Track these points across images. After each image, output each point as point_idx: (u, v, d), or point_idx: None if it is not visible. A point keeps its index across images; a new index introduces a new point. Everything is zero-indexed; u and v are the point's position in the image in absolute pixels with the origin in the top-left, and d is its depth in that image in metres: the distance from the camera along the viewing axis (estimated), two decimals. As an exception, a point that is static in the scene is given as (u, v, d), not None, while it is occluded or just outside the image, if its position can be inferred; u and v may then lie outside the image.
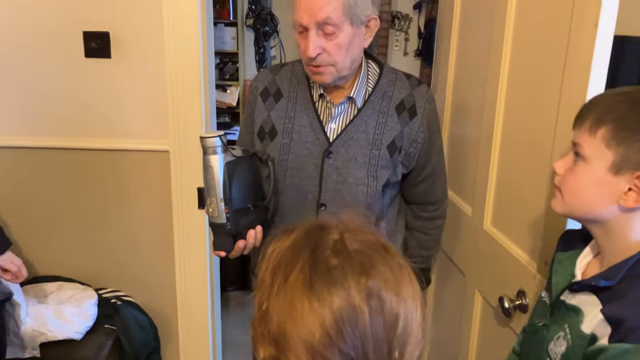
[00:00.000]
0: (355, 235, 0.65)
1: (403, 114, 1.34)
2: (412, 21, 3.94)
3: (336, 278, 0.59)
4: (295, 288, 0.60)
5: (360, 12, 1.22)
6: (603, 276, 0.85)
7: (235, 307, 3.24)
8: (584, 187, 0.87)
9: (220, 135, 1.21)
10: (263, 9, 3.70)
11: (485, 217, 1.48)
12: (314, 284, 0.59)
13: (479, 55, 1.54)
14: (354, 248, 0.62)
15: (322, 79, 1.27)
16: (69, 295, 1.94)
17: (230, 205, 1.22)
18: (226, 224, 1.23)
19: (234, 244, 1.27)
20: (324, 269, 0.60)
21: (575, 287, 0.90)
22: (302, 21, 1.21)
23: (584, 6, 1.03)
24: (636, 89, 0.85)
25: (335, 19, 1.19)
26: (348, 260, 0.61)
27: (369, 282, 0.60)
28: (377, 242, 0.65)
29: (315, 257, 0.61)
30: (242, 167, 1.25)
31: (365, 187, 1.31)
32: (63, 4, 1.80)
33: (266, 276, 0.64)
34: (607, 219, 0.86)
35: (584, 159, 0.87)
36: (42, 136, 1.92)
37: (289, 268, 0.61)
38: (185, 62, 1.83)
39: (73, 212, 2.00)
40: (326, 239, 0.63)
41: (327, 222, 0.67)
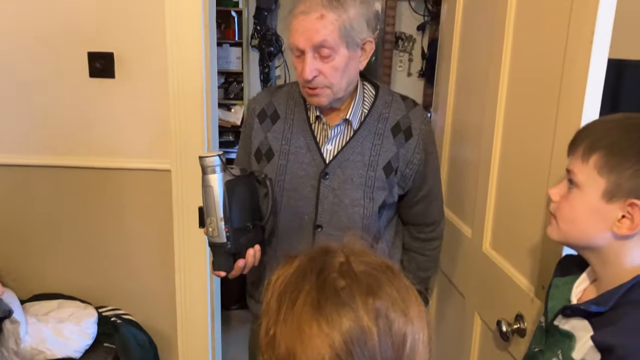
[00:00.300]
0: (361, 257, 0.65)
1: (399, 136, 1.34)
2: (416, 42, 3.97)
3: (344, 300, 0.60)
4: (303, 312, 0.60)
5: (356, 35, 1.23)
6: (595, 302, 0.84)
7: (237, 326, 3.23)
8: (578, 215, 0.87)
9: (219, 155, 1.22)
10: (268, 30, 3.74)
11: (485, 239, 1.48)
12: (322, 306, 0.59)
13: (477, 76, 1.55)
14: (360, 270, 0.63)
15: (318, 101, 1.28)
16: (69, 313, 1.94)
17: (230, 224, 1.22)
18: (226, 243, 1.23)
19: (233, 264, 1.27)
20: (331, 291, 0.60)
21: (567, 311, 0.90)
22: (298, 44, 1.22)
23: (578, 30, 1.03)
24: (628, 115, 0.86)
25: (331, 42, 1.20)
26: (355, 282, 0.61)
27: (377, 302, 0.60)
28: (383, 263, 0.66)
29: (322, 280, 0.62)
30: (240, 186, 1.26)
31: (362, 209, 1.32)
32: (69, 25, 1.83)
33: (272, 302, 0.64)
34: (602, 246, 0.86)
35: (577, 186, 0.86)
36: (46, 154, 1.94)
37: (296, 293, 0.62)
38: (188, 82, 1.85)
39: (74, 230, 2.01)
40: (332, 262, 0.64)
41: (331, 246, 0.68)
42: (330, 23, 1.20)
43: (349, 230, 1.33)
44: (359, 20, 1.23)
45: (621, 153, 0.81)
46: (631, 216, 0.81)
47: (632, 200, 0.80)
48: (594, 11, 0.98)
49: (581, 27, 1.02)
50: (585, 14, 1.01)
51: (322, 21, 1.20)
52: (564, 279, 0.98)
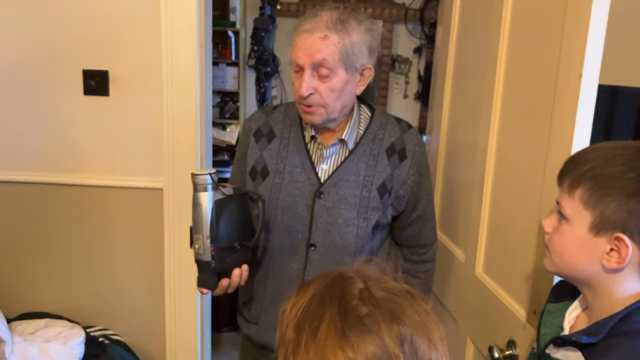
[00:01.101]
0: (379, 283, 0.65)
1: (393, 157, 1.35)
2: (412, 65, 4.00)
3: (368, 327, 0.59)
4: (327, 340, 0.59)
5: (356, 60, 1.25)
6: (586, 332, 0.83)
7: (227, 347, 3.18)
8: (568, 248, 0.86)
9: (211, 173, 1.22)
10: (265, 50, 3.76)
11: (477, 264, 1.47)
12: (347, 334, 0.59)
13: (471, 100, 1.55)
14: (381, 296, 0.63)
15: (311, 119, 1.29)
16: (56, 333, 1.91)
17: (216, 243, 1.22)
18: (211, 262, 1.23)
19: (217, 282, 1.26)
20: (355, 318, 0.60)
21: (558, 342, 0.88)
22: (298, 60, 1.24)
23: (568, 57, 1.04)
24: (612, 145, 0.85)
25: (330, 62, 1.22)
26: (377, 308, 0.61)
27: (401, 328, 0.60)
28: (402, 288, 0.66)
29: (344, 307, 0.61)
30: (231, 206, 1.25)
31: (355, 228, 1.31)
32: (64, 43, 1.84)
33: (288, 332, 0.64)
34: (593, 278, 0.85)
35: (566, 219, 0.86)
36: (37, 171, 1.93)
37: (317, 321, 0.61)
38: (183, 102, 1.85)
39: (63, 248, 1.99)
40: (350, 289, 0.64)
41: (346, 272, 0.68)
42: (332, 44, 1.22)
43: (342, 250, 1.32)
44: (360, 47, 1.25)
45: (605, 186, 0.81)
46: (618, 249, 0.80)
47: (618, 234, 0.80)
48: (583, 42, 0.99)
49: (572, 55, 1.03)
50: (575, 42, 1.01)
51: (325, 41, 1.21)
52: (557, 305, 0.97)
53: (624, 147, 0.83)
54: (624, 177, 0.79)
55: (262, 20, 3.66)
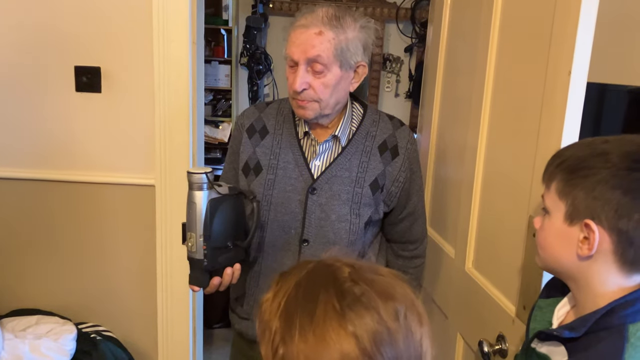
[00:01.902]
0: (362, 267, 0.68)
1: (385, 154, 1.37)
2: (404, 64, 4.02)
3: (366, 304, 0.62)
4: (326, 320, 0.61)
5: (350, 57, 1.26)
6: (569, 327, 0.84)
7: (219, 344, 3.19)
8: (549, 240, 0.88)
9: (207, 173, 1.22)
10: (257, 48, 3.77)
11: (467, 259, 1.48)
12: (346, 312, 0.61)
13: (461, 98, 1.57)
14: (370, 277, 0.66)
15: (304, 114, 1.30)
16: (48, 330, 1.91)
17: (209, 242, 1.22)
18: (203, 260, 1.23)
19: (209, 280, 1.27)
20: (352, 297, 0.62)
21: (541, 336, 0.90)
22: (293, 56, 1.25)
23: (558, 54, 1.06)
24: (588, 139, 0.87)
25: (325, 58, 1.23)
26: (371, 287, 0.64)
27: (396, 304, 0.64)
28: (385, 270, 0.70)
29: (339, 289, 0.63)
30: (225, 206, 1.26)
31: (348, 224, 1.33)
32: (56, 38, 1.83)
33: (273, 323, 0.64)
34: (573, 270, 0.87)
35: (547, 213, 0.89)
36: (28, 168, 1.92)
37: (311, 305, 0.63)
38: (175, 99, 1.86)
39: (55, 245, 1.99)
40: (340, 273, 0.66)
41: (325, 260, 0.70)
42: (327, 41, 1.23)
43: (335, 245, 1.33)
44: (355, 44, 1.26)
45: (574, 176, 0.83)
46: (588, 236, 0.82)
47: (586, 221, 0.82)
48: (572, 39, 1.00)
49: (561, 52, 1.05)
50: (565, 40, 1.03)
51: (320, 37, 1.23)
52: (548, 301, 0.98)
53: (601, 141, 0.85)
54: (591, 165, 0.82)
55: (254, 19, 3.66)
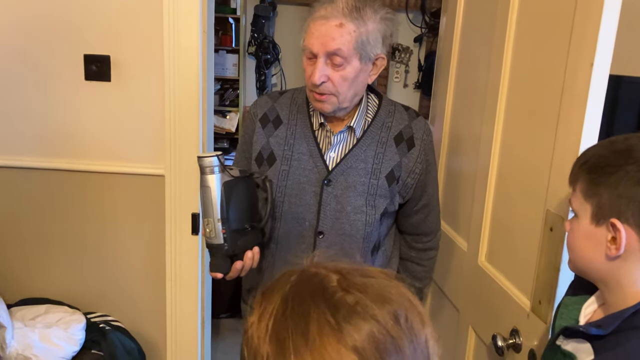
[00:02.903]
0: (351, 271, 0.63)
1: (401, 145, 1.35)
2: (413, 54, 3.98)
3: (363, 313, 0.57)
4: (322, 338, 0.56)
5: (370, 49, 1.24)
6: (596, 324, 0.83)
7: (226, 334, 3.20)
8: (578, 243, 0.88)
9: (218, 155, 1.21)
10: (265, 37, 3.74)
11: (480, 252, 1.47)
12: (342, 326, 0.56)
13: (476, 89, 1.55)
14: (361, 281, 0.60)
15: (322, 107, 1.28)
16: (57, 319, 1.91)
17: (227, 225, 1.21)
18: (224, 245, 1.21)
19: (231, 265, 1.25)
20: (346, 309, 0.57)
21: (567, 332, 0.89)
22: (312, 48, 1.22)
23: (580, 46, 1.03)
24: (612, 139, 0.86)
25: (345, 51, 1.20)
26: (364, 293, 0.59)
27: (395, 308, 0.59)
28: (375, 270, 0.64)
29: (330, 301, 0.58)
30: (239, 187, 1.24)
31: (364, 216, 1.31)
32: (65, 27, 1.81)
33: (263, 349, 0.58)
34: (603, 271, 0.86)
35: (575, 215, 0.88)
36: (36, 157, 1.91)
37: (302, 323, 0.57)
38: (185, 88, 1.84)
39: (64, 234, 1.99)
40: (327, 282, 0.60)
41: (306, 270, 0.64)
42: (348, 33, 1.20)
43: (351, 237, 1.32)
44: (376, 36, 1.24)
45: (598, 174, 0.82)
46: (615, 236, 0.81)
47: (612, 220, 0.80)
48: (595, 30, 0.98)
49: (583, 43, 1.02)
50: (587, 31, 1.01)
51: (341, 30, 1.20)
52: (574, 299, 0.97)
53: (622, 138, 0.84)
54: (614, 163, 0.81)
55: (262, 7, 3.63)
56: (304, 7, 3.76)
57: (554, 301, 1.11)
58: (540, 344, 1.16)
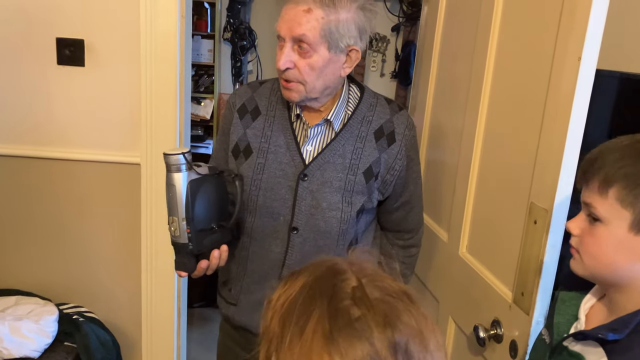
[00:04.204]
0: (375, 282, 0.60)
1: (381, 140, 1.31)
2: (390, 43, 3.97)
3: (359, 332, 0.55)
4: (313, 340, 0.55)
5: (340, 39, 1.19)
6: (610, 328, 0.82)
7: (200, 323, 3.17)
8: (605, 250, 0.85)
9: (184, 153, 1.17)
10: (241, 23, 3.68)
11: (461, 244, 1.48)
12: (335, 338, 0.54)
13: (459, 81, 1.54)
14: (375, 297, 0.58)
15: (289, 95, 1.25)
16: (28, 311, 1.86)
17: (192, 224, 1.18)
18: (188, 244, 1.19)
19: (196, 264, 1.23)
20: (345, 320, 0.55)
21: (579, 337, 0.88)
22: (280, 32, 1.20)
23: (567, 40, 1.04)
24: (633, 140, 0.84)
25: (311, 38, 1.17)
26: (371, 311, 0.56)
27: (395, 335, 0.55)
28: (399, 289, 0.61)
29: (334, 307, 0.57)
30: (206, 186, 1.21)
31: (340, 212, 1.28)
32: (37, 8, 1.75)
33: (273, 325, 0.59)
34: (625, 276, 0.84)
35: (601, 221, 0.84)
36: (7, 144, 1.85)
37: (304, 318, 0.57)
38: (162, 74, 1.79)
39: (36, 224, 1.93)
40: (343, 286, 0.59)
41: (339, 265, 0.62)
42: (315, 19, 1.16)
43: (325, 234, 1.29)
44: (348, 26, 1.19)
45: None
46: None
47: None
48: (583, 25, 0.98)
49: (570, 37, 1.03)
50: (575, 25, 1.01)
51: (307, 15, 1.16)
52: (571, 294, 0.96)
53: None
54: None
55: (239, -7, 3.57)
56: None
57: (537, 293, 1.12)
58: (521, 334, 1.18)
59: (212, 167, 1.25)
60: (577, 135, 1.03)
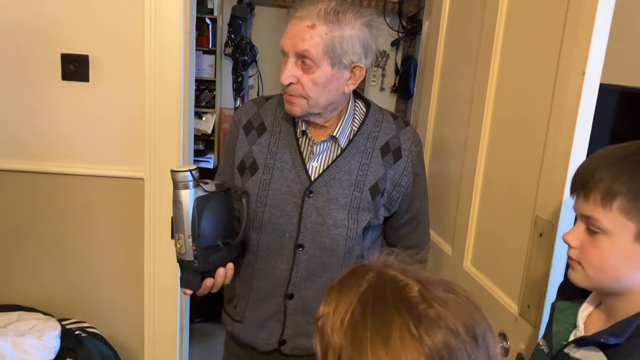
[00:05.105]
0: (431, 281, 0.64)
1: (387, 156, 1.31)
2: (390, 58, 4.01)
3: (445, 329, 0.59)
4: (403, 344, 0.58)
5: (343, 55, 1.19)
6: (611, 332, 0.83)
7: (201, 339, 3.15)
8: (610, 261, 0.85)
9: (191, 170, 1.17)
10: (242, 39, 3.71)
11: (466, 257, 1.48)
12: (423, 339, 0.58)
13: (462, 94, 1.55)
14: (442, 296, 0.62)
15: (291, 109, 1.25)
16: (30, 326, 1.84)
17: (198, 242, 1.18)
18: (193, 262, 1.18)
19: (201, 282, 1.22)
20: (429, 321, 0.59)
21: (581, 342, 0.88)
22: (284, 47, 1.21)
23: (570, 54, 1.05)
24: (627, 151, 0.85)
25: (314, 54, 1.17)
26: (445, 309, 0.61)
27: (475, 327, 0.61)
28: (454, 285, 0.66)
29: (414, 312, 0.60)
30: (213, 203, 1.21)
31: (345, 230, 1.27)
32: (42, 24, 1.76)
33: (336, 339, 0.62)
34: (627, 286, 0.85)
35: (604, 233, 0.84)
36: (12, 159, 1.85)
37: (384, 329, 0.59)
38: (166, 89, 1.80)
39: (39, 239, 1.92)
40: (408, 291, 0.62)
41: (386, 272, 0.66)
42: (319, 35, 1.17)
43: (331, 251, 1.28)
44: (353, 42, 1.19)
45: None
46: None
47: None
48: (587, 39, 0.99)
49: (574, 52, 1.04)
50: (579, 39, 1.02)
51: (311, 31, 1.17)
52: (568, 303, 0.96)
53: None
54: None
55: (240, 8, 3.60)
56: (282, 9, 3.74)
57: (544, 306, 1.12)
58: (527, 347, 1.17)
59: (219, 184, 1.25)
60: (582, 149, 1.04)
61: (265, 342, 1.36)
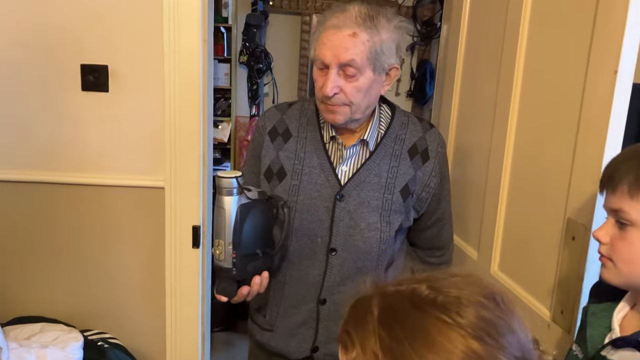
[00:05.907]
0: (429, 278, 0.64)
1: (416, 158, 1.31)
2: (405, 62, 3.99)
3: (470, 305, 0.59)
4: (443, 336, 0.58)
5: (384, 59, 1.20)
6: None
7: (220, 348, 3.15)
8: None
9: (237, 177, 1.17)
10: (257, 47, 3.71)
11: (493, 262, 1.45)
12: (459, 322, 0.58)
13: (484, 99, 1.53)
14: (448, 283, 0.62)
15: (334, 118, 1.24)
16: (53, 338, 1.84)
17: (238, 250, 1.17)
18: (232, 269, 1.18)
19: (237, 290, 1.22)
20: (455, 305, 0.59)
21: (619, 343, 0.86)
22: (324, 59, 1.18)
23: (601, 53, 1.02)
24: None
25: (358, 62, 1.17)
26: (458, 290, 0.61)
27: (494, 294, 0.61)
28: (446, 270, 0.67)
29: (437, 304, 0.59)
30: (255, 211, 1.20)
31: (379, 232, 1.27)
32: (62, 35, 1.77)
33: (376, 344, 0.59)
34: None
35: (633, 225, 0.83)
36: (33, 170, 1.85)
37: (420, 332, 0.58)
38: (185, 98, 1.80)
39: (60, 249, 1.92)
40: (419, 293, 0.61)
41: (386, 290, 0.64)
42: (362, 43, 1.16)
43: (365, 254, 1.27)
44: (389, 45, 1.20)
45: None
46: None
47: None
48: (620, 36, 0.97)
49: (605, 50, 1.01)
50: (610, 37, 1.00)
51: (354, 40, 1.16)
52: (602, 306, 0.94)
53: None
54: None
55: (254, 16, 3.61)
56: (296, 16, 3.74)
57: (578, 311, 1.09)
58: (561, 353, 1.14)
59: (262, 191, 1.25)
60: (615, 150, 1.02)
61: (297, 350, 1.34)
